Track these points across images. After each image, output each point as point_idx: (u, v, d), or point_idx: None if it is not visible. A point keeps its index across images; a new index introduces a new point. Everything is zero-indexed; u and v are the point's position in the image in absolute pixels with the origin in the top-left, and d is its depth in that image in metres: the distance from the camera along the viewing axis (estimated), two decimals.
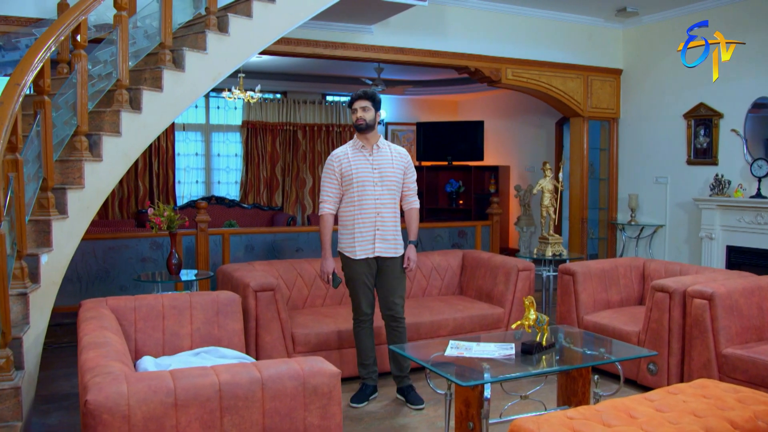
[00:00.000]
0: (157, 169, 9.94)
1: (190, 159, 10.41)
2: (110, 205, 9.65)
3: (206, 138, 10.54)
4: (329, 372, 2.34)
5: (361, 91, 4.06)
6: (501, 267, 5.27)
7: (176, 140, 10.16)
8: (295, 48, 6.58)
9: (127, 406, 2.07)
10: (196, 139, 10.46)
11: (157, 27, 4.44)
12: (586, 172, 8.12)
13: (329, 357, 4.51)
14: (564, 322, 4.99)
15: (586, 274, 4.96)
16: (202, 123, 10.48)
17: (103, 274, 5.99)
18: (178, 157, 10.24)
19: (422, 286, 5.55)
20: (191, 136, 10.41)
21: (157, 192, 9.94)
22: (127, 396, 2.08)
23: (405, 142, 11.80)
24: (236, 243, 6.63)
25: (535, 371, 3.29)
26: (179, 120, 10.19)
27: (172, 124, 9.99)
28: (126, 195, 9.74)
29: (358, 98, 4.02)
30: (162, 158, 9.96)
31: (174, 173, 10.14)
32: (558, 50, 7.66)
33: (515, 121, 10.68)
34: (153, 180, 9.91)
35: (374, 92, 4.04)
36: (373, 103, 4.02)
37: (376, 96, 4.04)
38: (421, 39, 7.00)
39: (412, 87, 11.09)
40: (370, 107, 4.01)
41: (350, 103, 4.07)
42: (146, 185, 9.88)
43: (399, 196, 4.10)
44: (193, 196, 10.37)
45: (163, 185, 10.01)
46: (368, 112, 4.00)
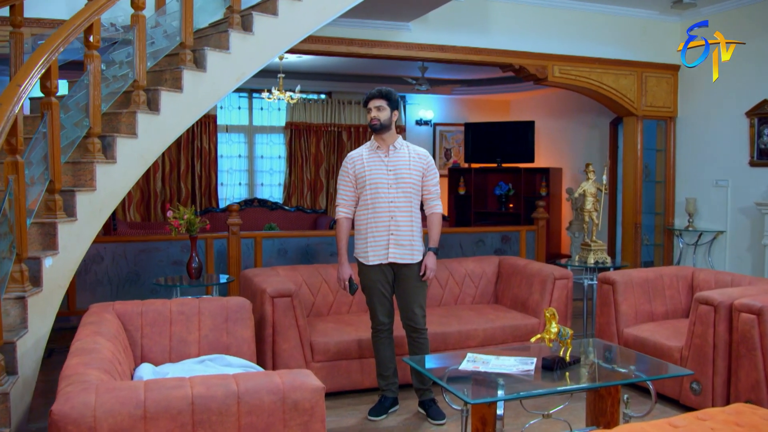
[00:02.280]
0: (199, 171, 10.10)
1: (233, 161, 10.54)
2: (152, 208, 9.85)
3: (249, 139, 10.65)
4: (311, 387, 2.25)
5: (375, 89, 3.96)
6: (537, 275, 5.09)
7: (219, 142, 10.30)
8: (329, 47, 6.55)
9: (93, 418, 2.03)
10: (239, 140, 10.59)
11: (178, 26, 4.47)
12: (640, 174, 7.80)
13: (349, 367, 4.44)
14: (603, 334, 4.76)
15: (627, 284, 4.73)
16: (246, 124, 10.59)
17: (134, 276, 6.08)
18: (221, 158, 10.38)
19: (455, 294, 5.41)
20: (234, 138, 10.53)
21: (199, 194, 10.10)
22: (93, 407, 2.04)
23: (453, 144, 11.65)
24: (269, 247, 6.63)
25: (551, 389, 3.13)
26: (222, 121, 10.34)
27: (214, 124, 10.18)
28: (168, 197, 9.92)
29: (372, 97, 3.93)
30: (204, 160, 10.11)
31: (216, 175, 10.28)
32: (609, 45, 7.38)
33: (568, 120, 10.38)
34: (195, 182, 10.08)
35: (389, 90, 3.93)
36: (389, 102, 3.92)
37: (392, 94, 3.93)
38: (462, 36, 6.86)
39: (460, 86, 10.93)
40: (385, 106, 3.91)
41: (365, 103, 3.98)
42: (188, 187, 10.05)
43: (417, 199, 3.97)
44: (235, 198, 10.48)
45: (206, 187, 10.17)
46: (383, 111, 3.90)
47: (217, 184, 10.30)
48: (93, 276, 6.02)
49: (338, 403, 4.35)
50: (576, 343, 3.95)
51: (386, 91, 3.91)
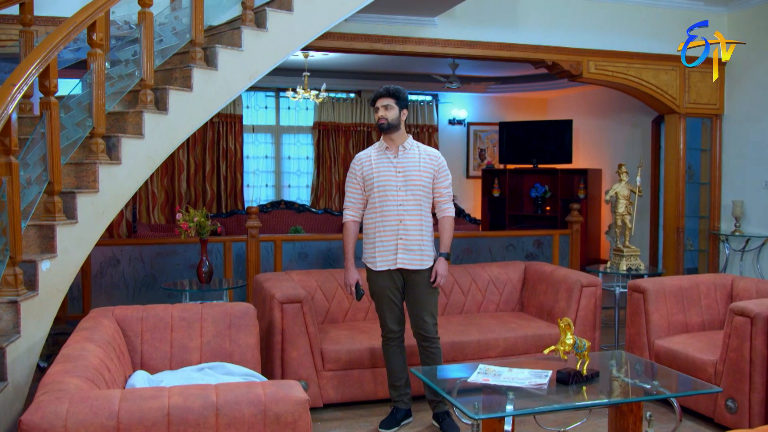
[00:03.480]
0: (225, 172, 10.16)
1: (259, 162, 10.59)
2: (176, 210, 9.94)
3: (276, 140, 10.68)
4: (295, 399, 2.20)
5: (383, 88, 3.90)
6: (563, 282, 4.96)
7: (245, 142, 10.35)
8: (352, 44, 6.51)
9: (64, 428, 2.01)
10: (266, 141, 10.63)
11: (188, 24, 4.48)
12: (682, 175, 7.56)
13: (362, 376, 4.38)
14: (633, 346, 4.61)
15: (659, 292, 4.56)
16: (272, 124, 10.63)
17: (151, 280, 6.13)
18: (247, 159, 10.44)
19: (477, 301, 5.31)
20: (261, 138, 10.58)
21: (225, 196, 10.17)
22: (65, 417, 2.02)
23: (488, 144, 11.51)
24: (289, 250, 6.62)
25: (561, 405, 3.02)
26: (248, 121, 10.39)
27: (240, 124, 10.24)
28: (193, 199, 10.01)
29: (380, 96, 3.87)
30: (230, 161, 10.17)
31: (243, 176, 10.34)
32: (649, 39, 7.17)
33: (608, 119, 10.15)
34: (221, 183, 10.14)
35: (397, 89, 3.87)
36: (397, 101, 3.86)
37: (400, 93, 3.87)
38: (490, 30, 6.74)
39: (494, 84, 10.79)
40: (392, 105, 3.85)
41: (372, 102, 3.93)
42: (214, 189, 10.12)
43: (428, 202, 3.89)
44: (262, 200, 10.52)
45: (231, 189, 10.23)
46: (391, 110, 3.84)
47: (243, 186, 10.36)
48: (109, 279, 6.09)
49: (350, 414, 4.29)
50: (599, 356, 3.84)
51: (394, 89, 3.85)
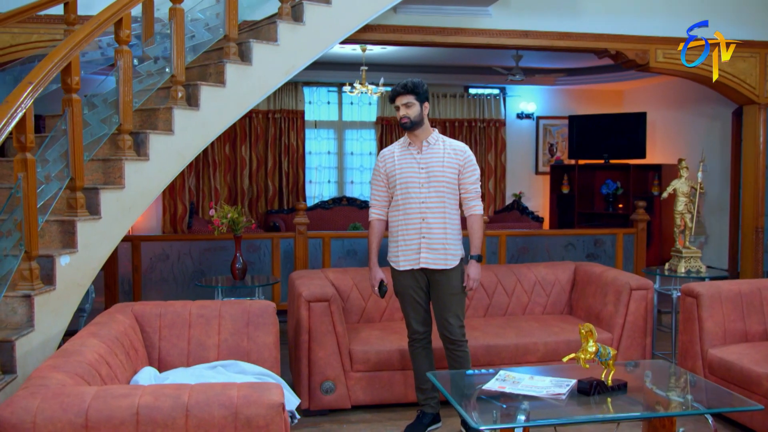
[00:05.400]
0: (286, 168, 10.28)
1: (321, 157, 10.65)
2: (239, 206, 10.12)
3: (339, 135, 10.73)
4: (267, 402, 2.16)
5: (400, 85, 3.77)
6: (611, 284, 4.73)
7: (307, 138, 10.43)
8: (401, 36, 6.43)
9: (33, 424, 2.05)
10: (329, 136, 10.69)
11: (221, 19, 4.53)
12: (762, 171, 7.10)
13: (392, 378, 4.32)
14: (686, 355, 4.34)
15: (714, 297, 4.28)
16: (335, 120, 10.68)
17: (199, 275, 6.26)
18: (309, 155, 10.52)
19: (522, 303, 5.14)
20: (323, 134, 10.64)
21: (286, 192, 10.29)
22: (34, 413, 2.06)
23: (558, 138, 11.18)
24: (338, 247, 6.63)
25: (575, 418, 2.86)
26: (310, 117, 10.47)
27: (302, 120, 10.32)
28: (255, 195, 10.19)
29: (397, 94, 3.74)
30: (292, 157, 10.28)
31: (304, 172, 10.43)
32: (724, 24, 6.74)
33: (685, 111, 9.65)
34: (282, 179, 10.27)
35: (415, 83, 3.73)
36: (417, 96, 3.73)
37: (418, 87, 3.73)
38: (548, 19, 6.52)
39: (564, 75, 10.46)
40: (413, 102, 3.72)
41: (391, 100, 3.82)
42: (275, 185, 10.26)
43: (452, 199, 3.77)
44: (324, 196, 10.60)
45: (293, 185, 10.34)
46: (412, 107, 3.72)
47: (305, 182, 10.45)
48: (158, 274, 6.25)
49: (378, 417, 4.24)
50: (639, 365, 3.64)
51: (411, 84, 3.72)
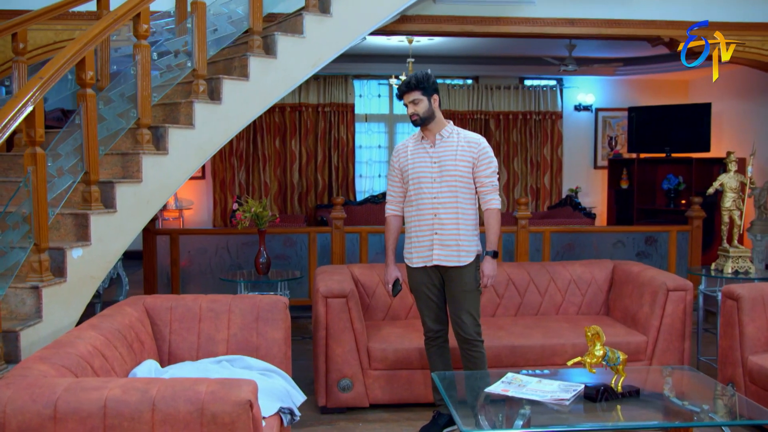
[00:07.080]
0: (336, 163, 10.33)
1: (372, 152, 10.66)
2: (289, 200, 10.26)
3: (390, 129, 10.70)
4: (234, 400, 2.15)
5: (404, 81, 3.68)
6: (648, 284, 4.54)
7: (357, 132, 10.45)
8: (439, 26, 6.34)
9: (3, 414, 2.10)
10: (379, 130, 10.67)
11: (245, 12, 4.56)
12: None
13: (411, 377, 4.27)
14: (726, 361, 4.12)
15: (756, 300, 4.04)
16: (386, 113, 10.66)
17: (236, 269, 6.35)
18: (359, 149, 10.54)
19: (556, 302, 4.99)
20: (374, 128, 10.64)
21: (336, 186, 10.34)
22: (5, 403, 2.11)
23: (619, 131, 10.84)
24: (375, 242, 6.61)
25: (574, 426, 2.75)
26: (360, 110, 10.48)
27: (352, 113, 10.35)
28: (305, 189, 10.27)
29: (404, 92, 3.65)
30: (342, 151, 10.32)
31: (354, 167, 10.45)
32: None
33: (754, 102, 9.19)
34: (332, 174, 10.32)
35: (419, 78, 3.60)
36: (423, 91, 3.60)
37: (423, 81, 3.60)
38: (595, 6, 6.30)
39: (624, 65, 10.12)
40: (420, 97, 3.60)
41: (398, 97, 3.73)
42: (325, 179, 10.32)
43: (466, 193, 3.66)
44: (374, 190, 10.60)
45: (343, 179, 10.38)
46: (420, 103, 3.62)
47: (355, 176, 10.48)
48: (197, 267, 6.38)
49: (395, 416, 4.20)
50: (661, 370, 3.49)
51: (416, 79, 3.61)
